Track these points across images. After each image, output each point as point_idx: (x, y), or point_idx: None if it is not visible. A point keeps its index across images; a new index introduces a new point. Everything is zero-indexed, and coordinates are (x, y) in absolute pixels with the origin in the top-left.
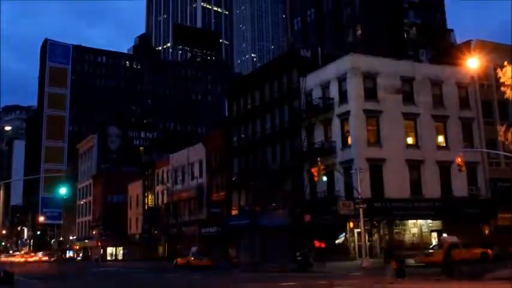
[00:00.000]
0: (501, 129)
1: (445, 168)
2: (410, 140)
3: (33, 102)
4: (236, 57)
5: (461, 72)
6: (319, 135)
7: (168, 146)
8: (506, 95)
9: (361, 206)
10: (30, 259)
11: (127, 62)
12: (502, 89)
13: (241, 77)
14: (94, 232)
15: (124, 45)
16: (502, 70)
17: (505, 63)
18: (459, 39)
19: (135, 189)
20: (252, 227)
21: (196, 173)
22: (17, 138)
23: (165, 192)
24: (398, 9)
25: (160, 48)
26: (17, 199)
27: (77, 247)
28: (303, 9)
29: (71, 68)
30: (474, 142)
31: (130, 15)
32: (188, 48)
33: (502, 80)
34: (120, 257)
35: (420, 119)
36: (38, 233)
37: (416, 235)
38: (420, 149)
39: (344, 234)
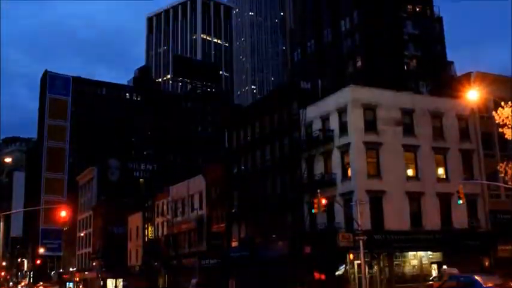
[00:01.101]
0: (502, 166)
1: (445, 200)
2: (410, 172)
3: (33, 134)
4: (236, 89)
5: (462, 104)
6: (319, 167)
7: (168, 177)
8: (506, 136)
9: (361, 238)
10: None
11: (127, 94)
12: (500, 130)
13: (241, 108)
14: (94, 264)
15: (124, 77)
16: (497, 112)
17: (502, 103)
18: (459, 72)
19: (135, 221)
20: (252, 259)
21: (196, 204)
22: (17, 169)
23: (165, 224)
24: (399, 41)
25: (160, 80)
26: (17, 230)
27: (77, 279)
28: (303, 40)
29: (71, 99)
30: (474, 174)
31: (130, 47)
32: (188, 80)
33: (497, 121)
34: None
35: (420, 151)
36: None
37: (416, 267)
38: (420, 181)
39: (344, 266)
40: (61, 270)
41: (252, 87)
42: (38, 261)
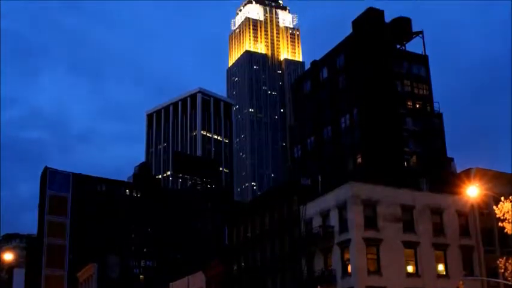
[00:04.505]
0: (501, 261)
1: None
2: (410, 269)
3: (33, 230)
4: (236, 185)
5: (462, 200)
6: (319, 263)
7: (168, 274)
8: (506, 230)
9: None
10: None
11: (127, 191)
12: (500, 224)
13: (241, 205)
14: None
15: (124, 173)
16: (497, 206)
17: (502, 198)
18: (459, 167)
19: None
20: None
21: None
22: (17, 266)
23: None
24: (399, 137)
25: (160, 176)
26: None
27: None
28: (303, 137)
29: (71, 195)
30: (474, 270)
31: (130, 144)
32: (188, 177)
33: (498, 215)
34: None
35: (420, 247)
36: None
37: None
38: (420, 278)
39: None
40: None
41: (252, 183)
42: None
